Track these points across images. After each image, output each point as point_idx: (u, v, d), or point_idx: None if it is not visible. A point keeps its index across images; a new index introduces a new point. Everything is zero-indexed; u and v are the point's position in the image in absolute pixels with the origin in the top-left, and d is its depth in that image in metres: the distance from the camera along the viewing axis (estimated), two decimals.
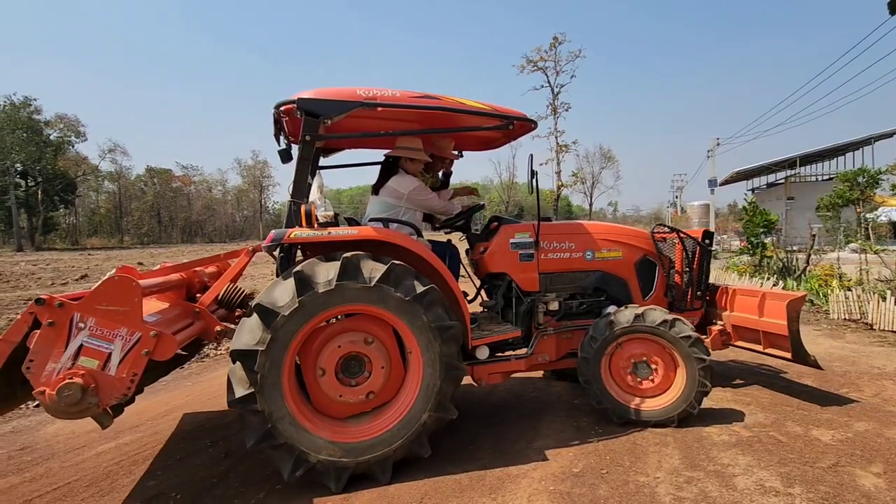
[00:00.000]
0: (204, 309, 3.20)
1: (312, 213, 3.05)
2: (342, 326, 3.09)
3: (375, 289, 2.88)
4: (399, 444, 2.96)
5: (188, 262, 3.88)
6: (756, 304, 3.96)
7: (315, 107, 3.09)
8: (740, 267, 10.41)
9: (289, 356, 2.83)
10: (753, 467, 3.01)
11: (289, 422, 2.80)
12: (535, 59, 38.34)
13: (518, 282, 3.82)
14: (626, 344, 3.60)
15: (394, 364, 3.11)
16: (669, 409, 3.56)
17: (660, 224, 4.50)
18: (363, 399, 3.04)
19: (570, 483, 2.90)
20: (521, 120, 3.58)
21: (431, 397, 3.01)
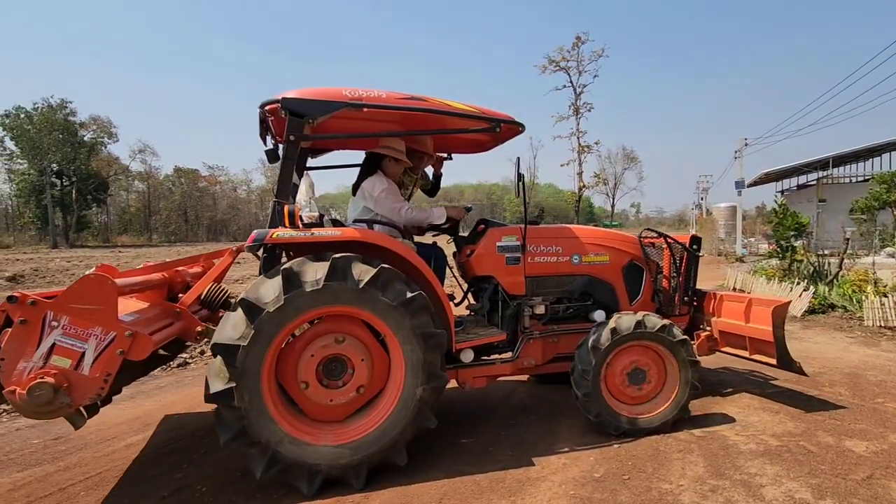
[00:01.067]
0: (185, 309, 3.16)
1: (296, 214, 3.02)
2: (312, 333, 3.02)
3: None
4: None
5: (170, 261, 3.88)
6: (742, 309, 3.93)
7: (300, 107, 3.06)
8: (768, 271, 10.13)
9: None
10: (782, 478, 2.92)
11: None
12: (557, 59, 38.07)
13: (504, 285, 3.78)
14: (623, 352, 3.53)
15: (374, 352, 3.07)
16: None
17: (647, 229, 4.44)
18: (355, 395, 3.02)
19: (591, 488, 2.86)
20: (508, 123, 3.53)
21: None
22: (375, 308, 2.91)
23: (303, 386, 2.94)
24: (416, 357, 2.99)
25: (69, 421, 2.55)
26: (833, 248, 15.25)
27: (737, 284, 10.44)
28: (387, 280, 2.94)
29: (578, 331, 3.89)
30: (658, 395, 3.60)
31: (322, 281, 2.79)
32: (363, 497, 2.82)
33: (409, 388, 3.00)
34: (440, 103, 3.34)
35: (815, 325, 7.31)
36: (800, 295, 7.94)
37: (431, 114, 3.35)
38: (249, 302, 2.75)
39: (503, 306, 3.80)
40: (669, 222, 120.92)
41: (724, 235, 25.52)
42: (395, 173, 3.80)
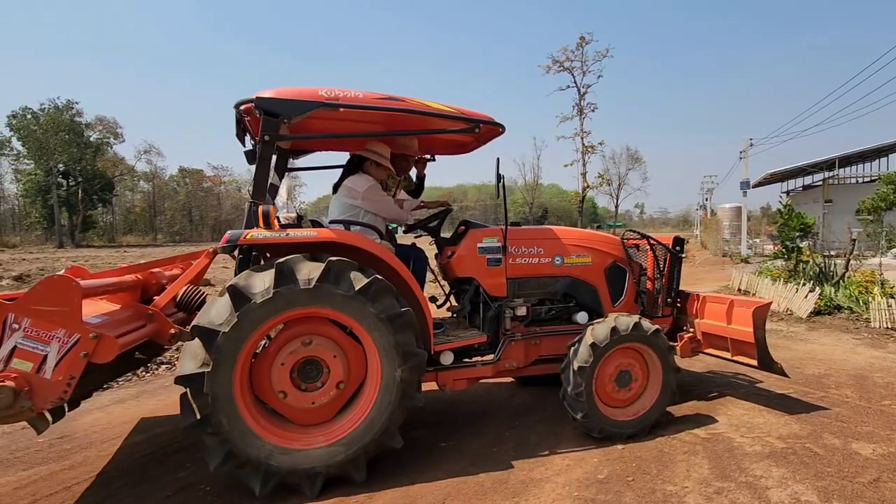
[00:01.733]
0: (157, 311, 3.10)
1: (271, 215, 2.98)
2: (276, 343, 2.96)
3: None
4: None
5: (146, 262, 3.83)
6: (724, 311, 3.92)
7: (274, 106, 3.02)
8: (774, 272, 10.06)
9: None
10: (788, 480, 2.90)
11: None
12: (561, 60, 38.01)
13: (485, 287, 3.74)
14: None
15: (347, 347, 3.03)
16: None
17: (630, 230, 4.42)
18: (336, 392, 2.99)
19: (595, 489, 2.85)
20: (487, 123, 3.50)
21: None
22: (333, 302, 2.86)
23: (281, 396, 2.91)
24: (386, 341, 2.94)
25: (31, 425, 2.47)
26: (839, 249, 15.15)
27: (742, 285, 10.38)
28: (338, 273, 2.87)
29: (561, 333, 3.87)
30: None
31: (272, 289, 2.73)
32: (367, 497, 2.82)
33: (387, 373, 2.96)
34: (418, 103, 3.30)
35: (822, 326, 7.26)
36: (805, 296, 7.89)
37: (409, 114, 3.31)
38: (203, 328, 2.69)
39: (484, 308, 3.76)
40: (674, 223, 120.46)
41: (729, 236, 25.37)
42: (377, 176, 3.77)
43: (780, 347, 6.14)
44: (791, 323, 7.53)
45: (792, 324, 7.48)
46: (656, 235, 4.37)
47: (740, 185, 20.90)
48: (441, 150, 4.48)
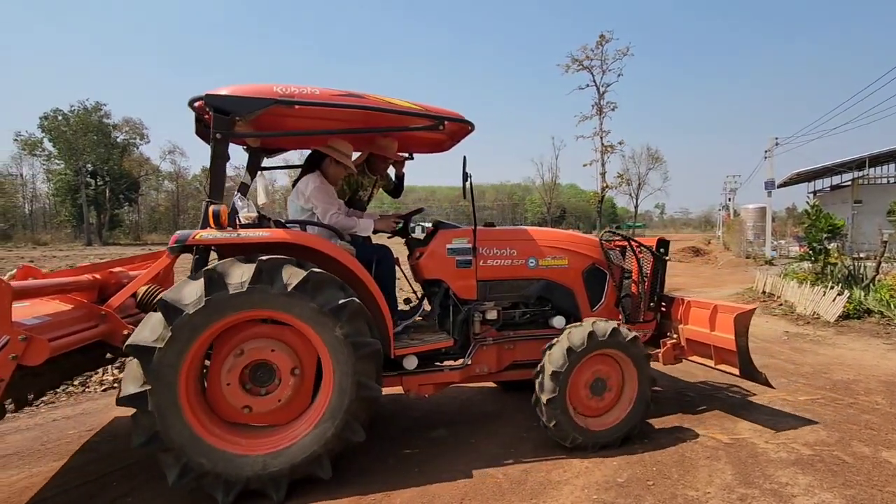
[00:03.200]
0: (110, 311, 3.06)
1: (223, 214, 2.88)
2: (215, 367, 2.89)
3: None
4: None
5: (107, 262, 3.78)
6: (707, 317, 3.74)
7: (225, 104, 2.93)
8: (800, 274, 9.79)
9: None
10: (815, 488, 2.83)
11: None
12: (580, 59, 37.63)
13: (455, 289, 3.62)
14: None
15: (281, 337, 2.94)
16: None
17: (609, 231, 4.23)
18: (296, 379, 2.93)
19: (615, 493, 2.82)
20: (452, 120, 3.38)
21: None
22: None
23: (246, 411, 2.86)
24: (333, 334, 2.84)
25: None
26: (869, 251, 14.68)
27: (766, 287, 10.14)
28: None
29: (536, 337, 3.72)
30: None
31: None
32: (384, 495, 2.84)
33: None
34: (379, 100, 3.20)
35: (850, 330, 7.05)
36: (834, 299, 7.67)
37: (370, 111, 3.19)
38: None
39: (454, 311, 3.63)
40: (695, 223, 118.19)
41: (753, 237, 24.75)
42: (335, 175, 3.69)
43: (807, 352, 5.99)
44: (818, 327, 7.33)
45: (819, 328, 7.28)
46: (641, 238, 4.19)
47: (765, 184, 20.36)
48: (419, 149, 4.37)
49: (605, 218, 43.58)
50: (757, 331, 7.21)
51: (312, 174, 3.60)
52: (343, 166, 3.67)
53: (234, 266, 2.78)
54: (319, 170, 3.65)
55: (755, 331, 7.12)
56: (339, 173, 3.73)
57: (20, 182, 53.14)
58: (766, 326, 7.54)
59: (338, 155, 3.59)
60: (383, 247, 3.82)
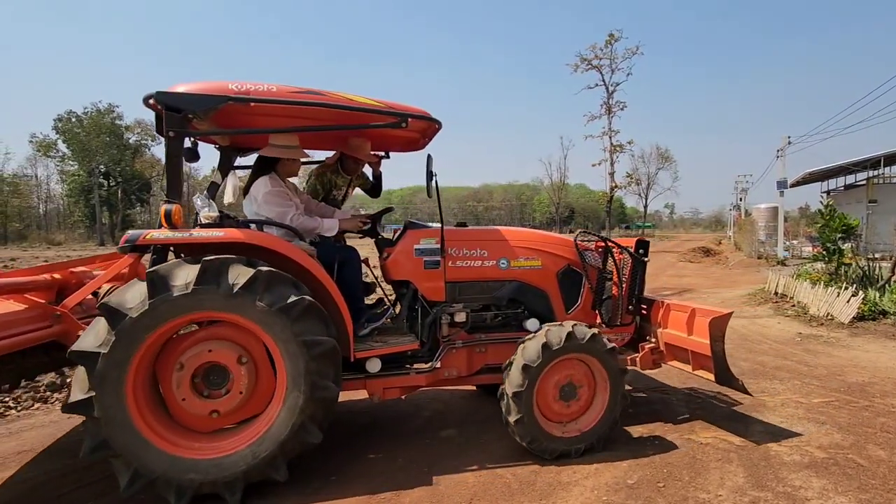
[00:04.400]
0: (65, 311, 3.02)
1: (175, 214, 2.83)
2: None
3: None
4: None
5: (68, 261, 3.74)
6: (685, 320, 3.61)
7: (176, 101, 2.87)
8: (813, 275, 9.66)
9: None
10: (829, 492, 2.79)
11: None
12: (589, 58, 37.44)
13: (422, 291, 3.51)
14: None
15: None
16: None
17: (584, 231, 4.11)
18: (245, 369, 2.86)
19: (625, 494, 2.80)
20: (416, 117, 3.28)
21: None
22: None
23: (215, 415, 2.82)
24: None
25: None
26: (885, 251, 14.46)
27: (779, 288, 10.02)
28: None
29: (509, 340, 3.60)
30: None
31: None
32: (393, 495, 2.85)
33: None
34: (338, 97, 3.12)
35: (865, 332, 6.94)
36: (848, 300, 7.56)
37: (329, 108, 3.12)
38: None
39: (422, 313, 3.54)
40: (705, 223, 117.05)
41: (765, 237, 24.45)
42: (290, 170, 3.62)
43: (820, 353, 5.91)
44: (832, 328, 7.23)
45: (833, 329, 7.18)
46: (618, 239, 4.07)
47: (777, 184, 20.10)
48: (392, 148, 4.29)
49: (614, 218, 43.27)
50: (770, 332, 7.14)
51: (263, 178, 3.46)
52: (293, 161, 3.56)
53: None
54: (274, 170, 3.53)
55: (768, 332, 7.09)
56: (293, 167, 3.63)
57: (35, 183, 54.00)
58: (778, 328, 7.46)
59: (282, 152, 3.45)
60: (348, 247, 3.71)
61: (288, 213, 3.40)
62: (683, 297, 10.98)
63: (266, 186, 3.40)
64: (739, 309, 9.17)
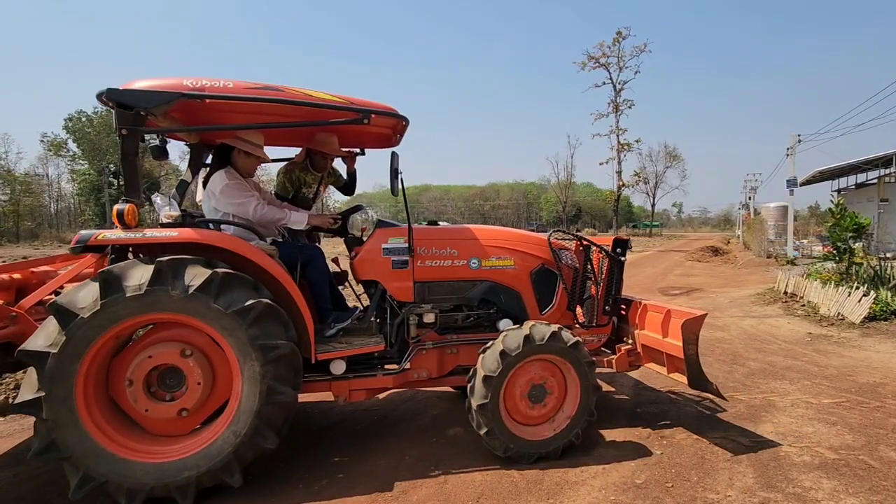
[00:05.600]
0: (21, 312, 2.98)
1: (128, 213, 2.78)
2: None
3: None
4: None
5: (29, 261, 3.70)
6: (661, 322, 3.53)
7: (126, 98, 2.81)
8: (823, 274, 9.55)
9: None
10: (840, 493, 2.76)
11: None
12: (596, 56, 37.30)
13: (391, 291, 3.46)
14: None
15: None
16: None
17: (558, 230, 4.03)
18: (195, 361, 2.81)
19: (632, 494, 2.79)
20: (380, 114, 3.20)
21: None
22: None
23: (184, 413, 2.78)
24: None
25: None
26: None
27: (788, 288, 9.92)
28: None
29: (481, 341, 3.47)
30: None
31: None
32: (400, 493, 2.85)
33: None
34: (297, 93, 3.05)
35: (877, 332, 6.86)
36: (859, 300, 7.47)
37: (287, 104, 3.06)
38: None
39: (391, 314, 3.49)
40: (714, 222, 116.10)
41: (774, 237, 24.22)
42: (247, 167, 3.48)
43: (831, 354, 5.85)
44: (843, 328, 7.15)
45: (844, 329, 7.10)
46: (596, 238, 4.02)
47: (787, 183, 19.88)
48: (368, 144, 4.23)
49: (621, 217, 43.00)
50: (779, 332, 7.07)
51: (220, 171, 3.35)
52: (254, 157, 3.48)
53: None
54: (230, 164, 3.43)
55: (777, 332, 7.03)
56: (251, 164, 3.51)
57: (46, 182, 54.57)
58: (788, 327, 7.39)
59: (244, 145, 3.37)
60: (313, 246, 3.62)
61: (250, 203, 3.30)
62: (691, 296, 10.92)
63: (224, 180, 3.29)
64: (748, 308, 9.10)
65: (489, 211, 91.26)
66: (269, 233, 3.49)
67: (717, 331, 7.14)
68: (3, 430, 3.86)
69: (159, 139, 3.19)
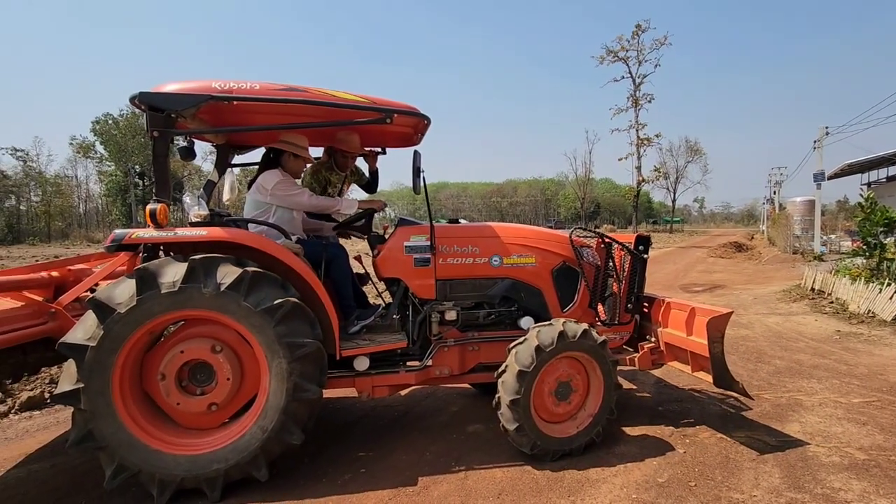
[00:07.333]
0: (59, 308, 3.11)
1: (160, 213, 2.87)
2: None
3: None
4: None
5: (66, 259, 3.80)
6: (685, 320, 3.49)
7: (157, 101, 2.92)
8: (853, 270, 9.28)
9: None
10: (870, 494, 2.70)
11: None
12: (615, 50, 36.76)
13: (413, 288, 3.48)
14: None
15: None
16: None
17: (580, 227, 4.01)
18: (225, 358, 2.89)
19: (655, 493, 2.78)
20: (403, 113, 3.25)
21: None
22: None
23: (213, 408, 2.86)
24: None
25: None
26: None
27: (815, 285, 9.67)
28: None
29: (503, 338, 3.54)
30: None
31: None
32: (422, 488, 2.89)
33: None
34: (321, 94, 3.12)
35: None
36: (891, 297, 7.25)
37: (312, 105, 3.12)
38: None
39: (413, 311, 3.52)
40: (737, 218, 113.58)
41: (800, 232, 23.55)
42: (295, 169, 3.64)
43: (861, 352, 5.69)
44: (873, 326, 6.95)
45: (874, 327, 6.90)
46: (620, 235, 3.98)
47: (814, 176, 19.32)
48: (389, 143, 4.28)
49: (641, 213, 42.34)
50: (806, 330, 6.91)
51: (273, 170, 3.52)
52: (301, 159, 3.63)
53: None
54: (280, 166, 3.59)
55: (804, 329, 6.87)
56: (298, 166, 3.67)
57: (75, 183, 56.28)
58: (815, 325, 7.21)
59: (293, 148, 3.53)
60: (336, 245, 3.70)
61: (304, 193, 3.50)
62: (714, 293, 10.72)
63: (277, 177, 3.46)
64: (774, 305, 8.90)
65: (507, 208, 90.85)
66: (294, 231, 3.56)
67: (742, 328, 7.01)
68: (40, 424, 4.03)
69: (186, 140, 3.28)
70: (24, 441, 3.68)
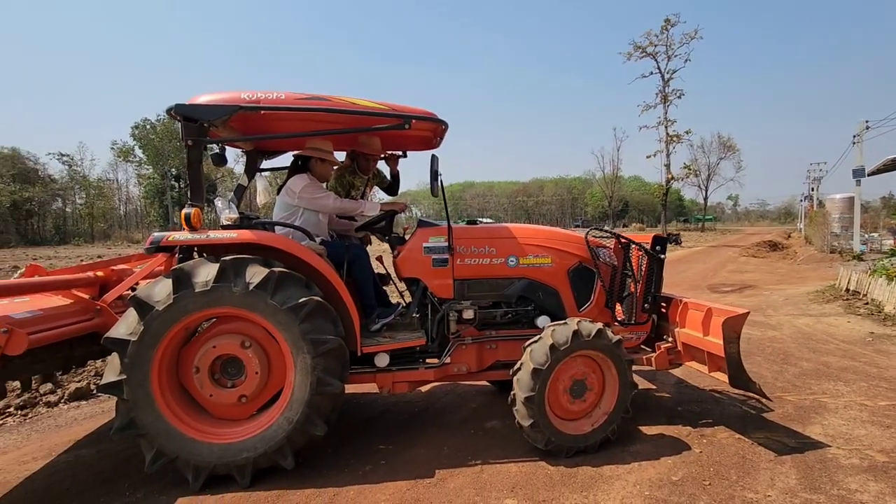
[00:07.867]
0: (104, 306, 3.34)
1: (195, 216, 3.06)
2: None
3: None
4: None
5: (107, 260, 4.03)
6: (701, 319, 3.49)
7: (191, 112, 3.12)
8: (891, 270, 8.93)
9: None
10: (887, 496, 2.68)
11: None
12: (643, 45, 36.04)
13: (431, 288, 3.61)
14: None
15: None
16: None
17: (596, 227, 4.00)
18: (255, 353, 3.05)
19: (668, 491, 2.82)
20: (420, 119, 3.39)
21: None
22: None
23: (242, 400, 3.05)
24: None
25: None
26: None
27: (850, 285, 9.35)
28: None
29: (520, 337, 3.60)
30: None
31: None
32: (439, 480, 3.00)
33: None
34: (342, 101, 3.28)
35: None
36: None
37: (334, 113, 3.30)
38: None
39: (431, 310, 3.65)
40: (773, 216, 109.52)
41: (840, 230, 22.59)
42: (322, 173, 3.80)
43: (893, 355, 5.52)
44: None
45: None
46: (636, 235, 3.99)
47: (853, 172, 18.52)
48: (410, 147, 4.43)
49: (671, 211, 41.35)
50: (838, 331, 6.72)
51: (302, 174, 3.71)
52: (328, 163, 3.80)
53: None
54: (309, 171, 3.76)
55: (836, 331, 6.69)
56: (326, 171, 3.83)
57: (116, 186, 58.83)
58: (847, 327, 7.00)
59: (319, 153, 3.71)
60: (357, 246, 3.83)
61: (329, 196, 3.68)
62: (743, 293, 10.48)
63: (304, 181, 3.64)
64: (805, 306, 8.66)
65: (533, 207, 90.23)
66: (318, 233, 3.74)
67: (769, 329, 6.87)
68: (87, 413, 4.33)
69: (218, 147, 3.49)
70: (72, 428, 3.98)
